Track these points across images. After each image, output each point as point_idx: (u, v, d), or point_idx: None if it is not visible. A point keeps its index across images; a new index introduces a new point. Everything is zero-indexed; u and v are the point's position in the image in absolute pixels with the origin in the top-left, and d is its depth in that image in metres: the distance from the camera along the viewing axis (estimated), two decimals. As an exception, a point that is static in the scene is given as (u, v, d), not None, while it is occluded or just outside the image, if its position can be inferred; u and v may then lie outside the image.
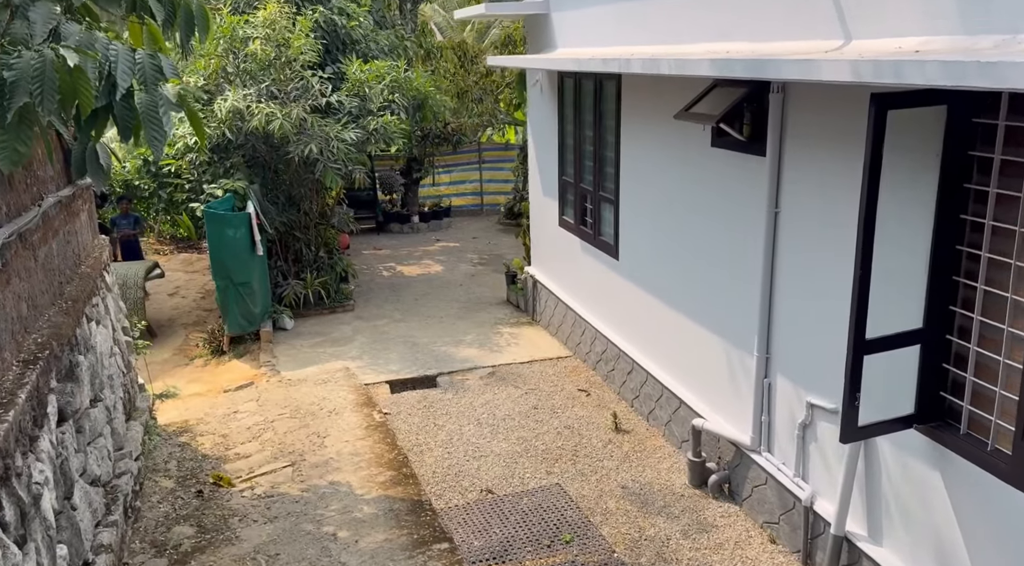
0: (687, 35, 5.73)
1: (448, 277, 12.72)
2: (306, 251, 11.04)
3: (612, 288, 7.75)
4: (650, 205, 6.76)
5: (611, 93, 7.34)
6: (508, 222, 16.51)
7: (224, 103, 9.15)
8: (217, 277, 9.52)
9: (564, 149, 8.75)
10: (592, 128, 7.85)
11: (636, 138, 6.89)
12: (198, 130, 3.59)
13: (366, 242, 15.36)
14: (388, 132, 9.89)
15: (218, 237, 9.26)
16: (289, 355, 9.27)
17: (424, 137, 15.39)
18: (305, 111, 9.22)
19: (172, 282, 13.22)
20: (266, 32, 9.19)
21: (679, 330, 6.40)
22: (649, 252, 6.88)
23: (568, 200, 8.84)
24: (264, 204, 10.08)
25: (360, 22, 10.64)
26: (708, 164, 5.71)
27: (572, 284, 8.89)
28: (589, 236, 8.23)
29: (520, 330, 9.91)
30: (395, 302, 11.40)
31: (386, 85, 10.02)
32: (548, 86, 8.93)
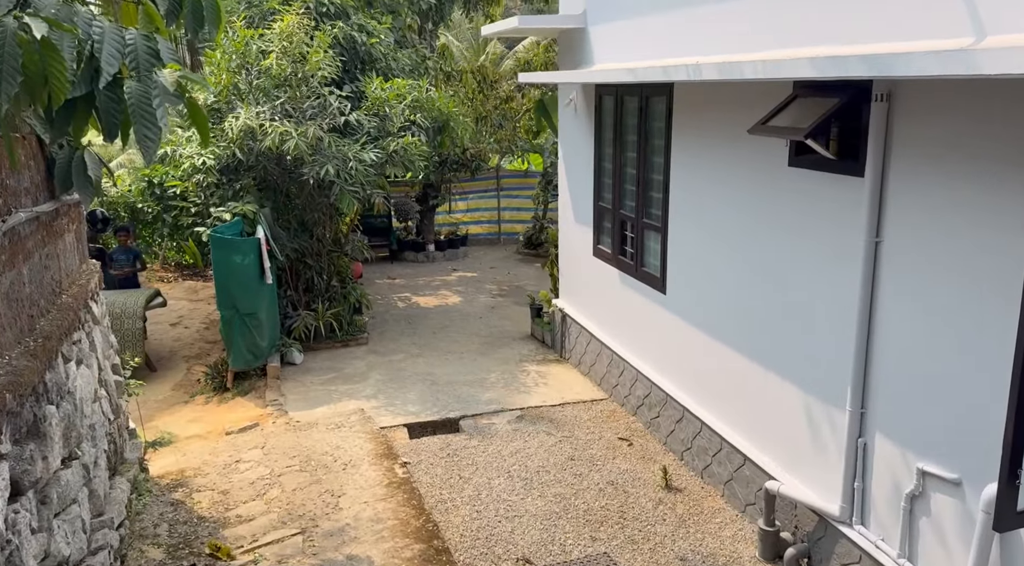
0: (749, 43, 5.05)
1: (467, 309, 11.98)
2: (318, 280, 10.34)
3: (657, 325, 6.99)
4: (707, 233, 6.03)
5: (659, 110, 6.67)
6: (527, 251, 15.83)
7: (236, 121, 8.52)
8: (222, 307, 8.80)
9: (601, 172, 8.06)
10: (635, 149, 7.16)
11: (690, 159, 6.19)
12: (202, 130, 2.91)
13: (380, 271, 14.67)
14: (408, 154, 9.24)
15: (225, 264, 8.57)
16: (298, 393, 8.51)
17: (442, 162, 14.79)
18: (322, 130, 8.59)
19: (175, 311, 12.53)
20: (282, 46, 8.60)
21: (743, 376, 5.62)
22: (705, 286, 6.13)
23: (605, 228, 8.13)
24: (275, 229, 9.41)
25: (381, 39, 10.07)
26: (784, 186, 4.99)
27: (608, 319, 8.14)
28: (629, 267, 7.50)
29: (548, 368, 9.13)
30: (411, 335, 10.66)
31: (407, 105, 9.40)
32: (584, 105, 8.28)
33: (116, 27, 2.70)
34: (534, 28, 7.95)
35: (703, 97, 5.87)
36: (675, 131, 6.38)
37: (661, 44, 6.30)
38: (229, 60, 9.08)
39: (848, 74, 3.41)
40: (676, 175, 6.46)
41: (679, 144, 6.35)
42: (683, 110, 6.22)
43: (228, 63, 9.11)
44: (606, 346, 8.10)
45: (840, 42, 4.25)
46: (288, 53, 8.65)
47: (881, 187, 4.18)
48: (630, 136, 7.32)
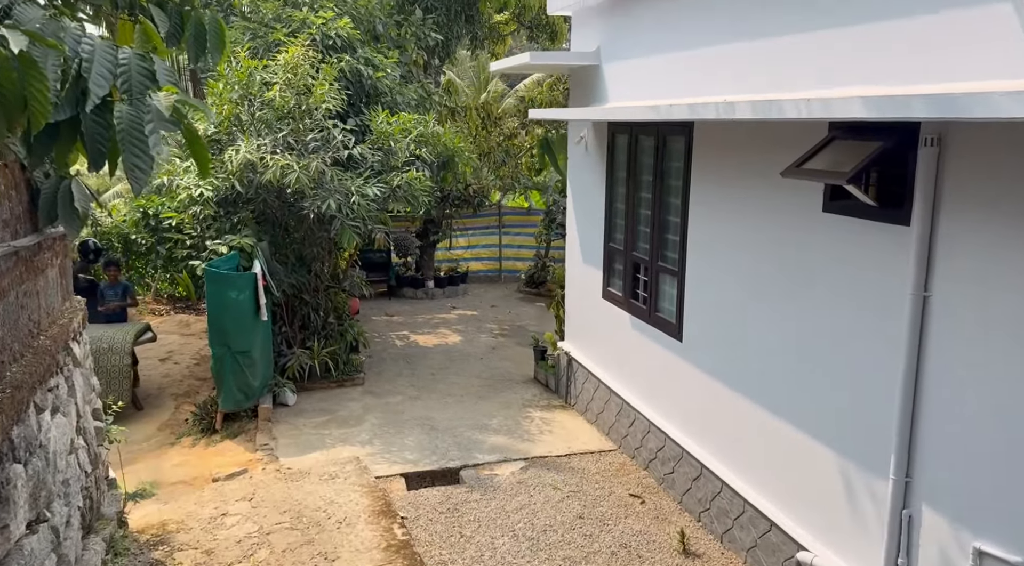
0: (774, 83, 4.82)
1: (467, 349, 11.61)
2: (314, 316, 9.98)
3: (672, 374, 6.65)
4: (730, 280, 5.73)
5: (678, 149, 6.42)
6: (529, 290, 15.52)
7: (236, 154, 8.25)
8: (214, 344, 8.42)
9: (612, 213, 7.79)
10: (651, 189, 6.90)
11: (711, 201, 5.92)
12: (200, 159, 2.60)
13: (377, 307, 14.31)
14: (413, 189, 8.97)
15: (219, 299, 8.21)
16: (290, 437, 8.08)
17: (444, 198, 14.55)
18: (324, 163, 8.32)
19: (165, 346, 12.11)
20: (287, 77, 8.38)
21: (771, 433, 5.27)
22: (726, 335, 5.81)
23: (615, 269, 7.83)
24: (272, 264, 9.08)
25: (387, 73, 9.89)
26: (818, 232, 4.71)
27: (618, 365, 7.79)
28: (642, 312, 7.18)
29: (553, 415, 8.73)
30: (410, 376, 10.26)
31: (412, 139, 9.16)
32: (595, 143, 8.05)
33: (108, 45, 2.40)
34: (546, 65, 7.76)
35: (726, 137, 5.62)
36: (695, 172, 6.12)
37: (679, 83, 6.09)
38: (231, 90, 8.86)
39: (910, 115, 3.14)
40: (695, 217, 6.18)
41: (699, 185, 6.09)
42: (704, 150, 5.97)
43: (230, 94, 8.88)
44: (615, 394, 7.73)
45: (874, 82, 4.01)
46: (292, 85, 8.43)
47: (930, 236, 3.89)
48: (645, 176, 7.07)
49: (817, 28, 4.45)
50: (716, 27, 5.56)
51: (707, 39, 5.68)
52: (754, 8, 5.09)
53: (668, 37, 6.30)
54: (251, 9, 10.13)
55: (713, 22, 5.60)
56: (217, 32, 3.49)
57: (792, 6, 4.69)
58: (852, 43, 4.23)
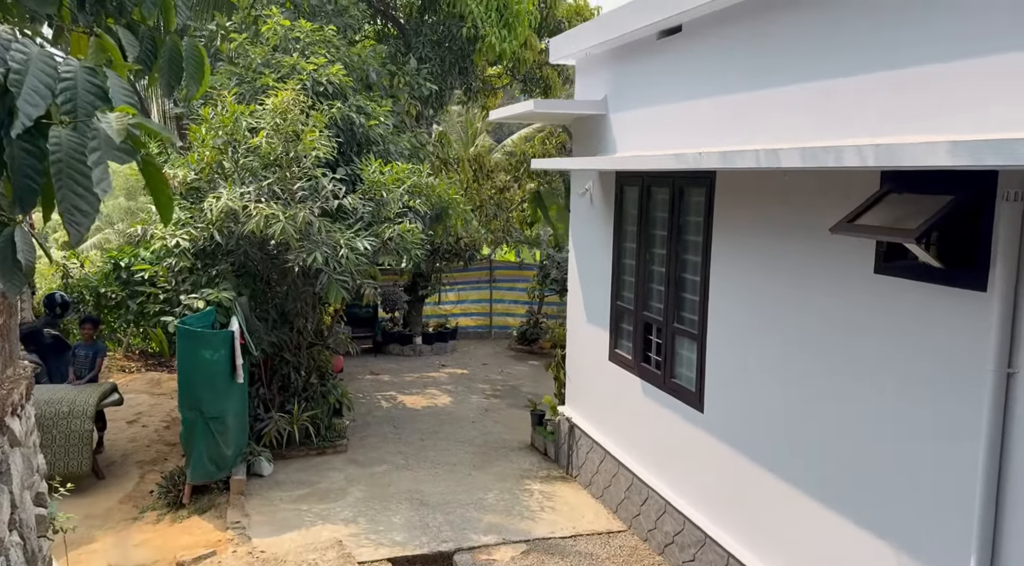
0: (799, 132, 4.39)
1: (458, 411, 10.91)
2: (295, 377, 9.29)
3: (691, 447, 6.04)
4: (759, 347, 5.19)
5: (697, 202, 5.96)
6: (521, 348, 14.92)
7: (217, 202, 7.70)
8: (184, 408, 7.71)
9: (621, 269, 7.29)
10: (665, 245, 6.42)
11: (736, 259, 5.43)
12: (160, 199, 2.04)
13: (362, 365, 13.61)
14: (405, 242, 8.44)
15: (191, 359, 7.54)
16: (265, 514, 7.31)
17: (434, 251, 14.04)
18: (312, 214, 7.78)
19: (133, 407, 11.31)
20: (275, 122, 7.90)
21: (819, 522, 4.65)
22: (757, 408, 5.24)
23: (624, 330, 7.29)
24: (251, 321, 8.44)
25: (380, 121, 9.47)
26: (869, 296, 4.20)
27: (627, 435, 7.16)
28: (656, 378, 6.60)
29: (554, 488, 8.04)
30: (397, 442, 9.54)
31: (406, 189, 8.68)
32: (601, 196, 7.60)
33: (46, 54, 1.86)
34: (550, 113, 7.38)
35: (756, 189, 5.17)
36: (717, 226, 5.65)
37: (697, 131, 5.66)
38: (215, 136, 8.36)
39: (982, 164, 2.67)
40: (717, 276, 5.68)
41: (722, 241, 5.60)
42: (728, 203, 5.51)
43: (214, 139, 8.39)
44: (624, 467, 7.08)
45: (931, 130, 3.57)
46: (281, 130, 7.95)
47: (1015, 303, 3.38)
48: (658, 230, 6.60)
49: (876, 69, 4.03)
50: (736, 73, 5.17)
51: (728, 85, 5.28)
52: (793, 49, 4.70)
53: (682, 84, 5.92)
54: (238, 54, 9.73)
55: (733, 68, 5.21)
56: (196, 60, 2.98)
57: (850, 45, 4.29)
58: (894, 91, 3.81)
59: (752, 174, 5.13)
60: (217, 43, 10.80)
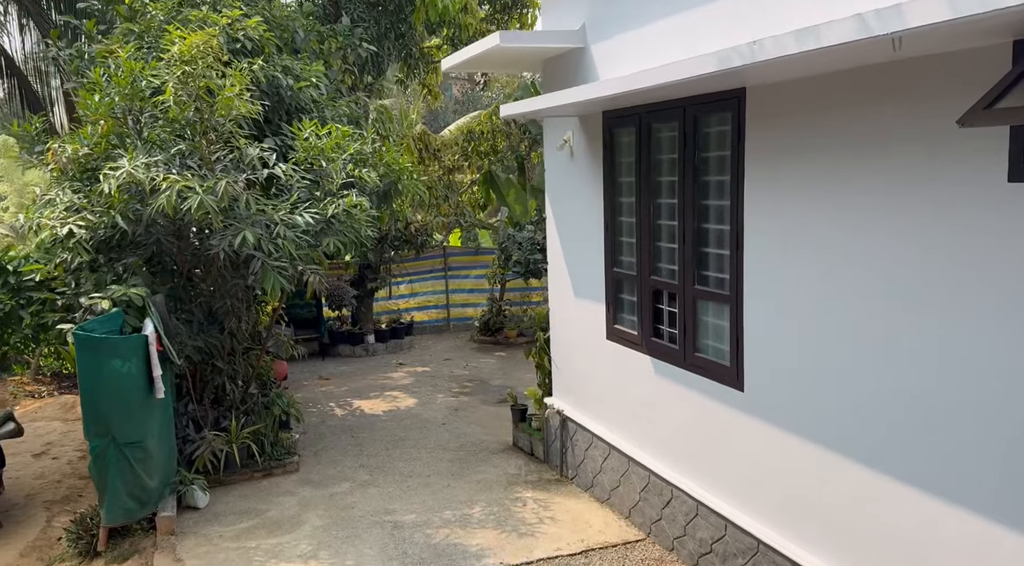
0: None
1: (425, 413, 9.62)
2: (230, 387, 7.84)
3: (727, 434, 4.93)
4: (825, 301, 4.09)
5: (718, 133, 4.84)
6: (484, 338, 13.68)
7: (115, 174, 6.21)
8: (91, 435, 6.23)
9: (616, 230, 6.13)
10: (676, 193, 5.28)
11: (785, 194, 4.32)
12: None
13: (310, 370, 12.16)
14: (353, 219, 7.10)
15: (95, 373, 6.06)
16: (202, 557, 5.91)
17: (381, 239, 12.68)
18: (237, 186, 6.36)
19: (42, 436, 9.66)
20: (182, 71, 6.44)
21: (911, 521, 3.57)
22: (824, 381, 4.14)
23: (625, 302, 6.14)
24: (171, 323, 6.97)
25: (313, 82, 8.07)
26: (999, 217, 3.12)
27: (637, 425, 6.02)
28: (672, 354, 5.47)
29: (549, 494, 6.85)
30: (358, 454, 8.20)
31: (349, 156, 7.32)
32: (585, 145, 6.43)
33: None
34: (519, 48, 6.15)
35: (813, 97, 4.06)
36: (751, 158, 4.53)
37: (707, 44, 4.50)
38: (112, 105, 6.85)
39: None
40: (755, 220, 4.56)
41: (760, 176, 4.49)
42: (767, 125, 4.39)
43: (112, 108, 6.88)
44: (636, 463, 5.95)
45: None
46: (190, 84, 6.50)
47: None
48: (664, 176, 5.46)
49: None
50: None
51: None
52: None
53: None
54: (137, 11, 8.20)
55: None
56: None
57: None
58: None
59: (806, 82, 4.02)
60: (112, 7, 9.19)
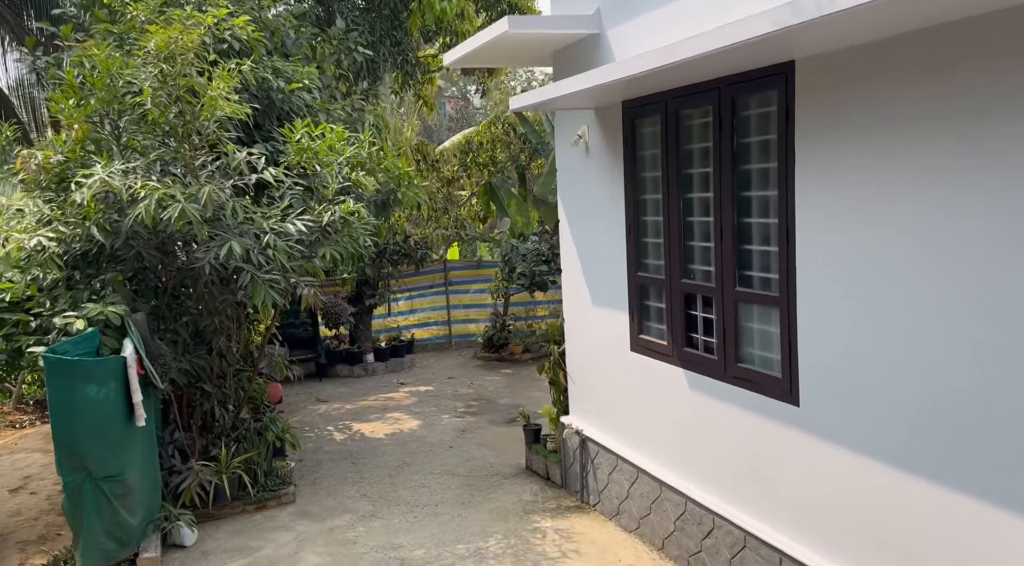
0: None
1: (430, 436, 9.01)
2: (220, 413, 7.24)
3: (780, 455, 4.36)
4: (890, 302, 3.55)
5: (760, 115, 4.31)
6: (488, 356, 13.08)
7: (88, 182, 5.66)
8: (64, 468, 5.62)
9: (640, 230, 5.59)
10: (711, 186, 4.74)
11: (844, 176, 3.78)
12: None
13: (306, 392, 11.54)
14: (350, 228, 6.56)
15: (66, 400, 5.48)
16: (187, 605, 5.30)
17: (380, 253, 12.13)
18: (221, 192, 5.81)
19: (21, 470, 9.03)
20: (160, 69, 5.91)
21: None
22: (894, 392, 3.58)
23: (652, 310, 5.58)
24: (154, 343, 6.38)
25: (305, 84, 7.54)
26: None
27: (669, 446, 5.44)
28: (710, 365, 4.90)
29: (571, 523, 6.24)
30: (358, 482, 7.58)
31: (346, 160, 6.79)
32: (602, 140, 5.90)
33: None
34: (529, 35, 5.64)
35: (886, 62, 3.54)
36: (802, 139, 4.00)
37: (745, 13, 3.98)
38: (90, 109, 6.30)
39: None
40: (809, 209, 4.02)
41: (812, 158, 3.96)
42: (821, 102, 3.86)
43: (88, 113, 6.34)
44: (669, 487, 5.36)
45: None
46: (170, 82, 5.97)
47: None
48: (696, 168, 4.93)
49: None
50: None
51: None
52: None
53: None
54: (118, 10, 7.68)
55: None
56: None
57: None
58: None
59: (876, 48, 3.50)
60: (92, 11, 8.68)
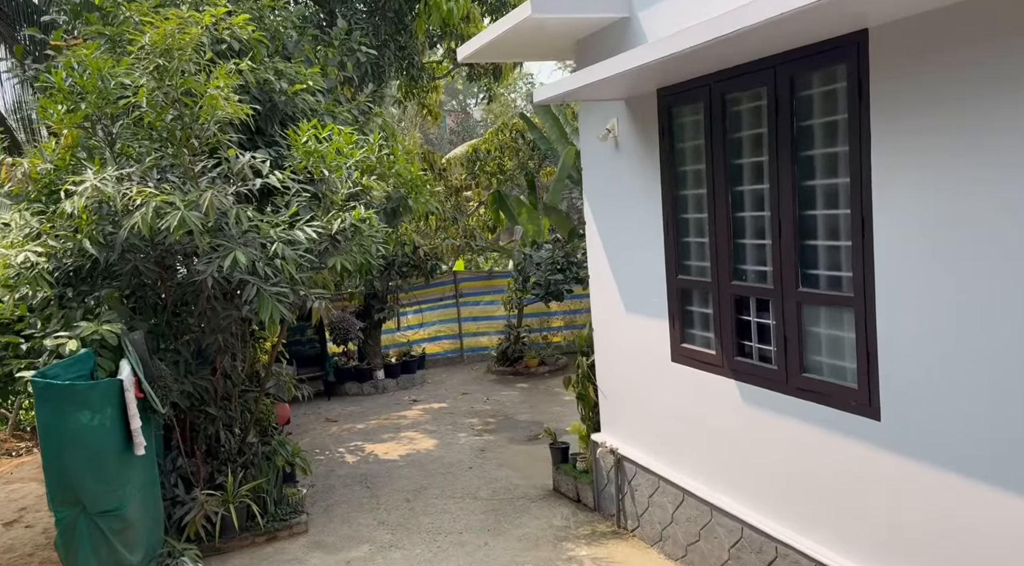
0: None
1: (448, 456, 8.50)
2: (226, 437, 6.75)
3: (855, 475, 3.86)
4: (988, 299, 3.07)
5: (825, 95, 3.85)
6: (503, 369, 12.58)
7: (80, 189, 5.20)
8: (56, 503, 5.13)
9: (680, 229, 5.12)
10: (768, 174, 4.28)
11: (931, 159, 3.31)
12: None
13: (314, 412, 11.04)
14: (361, 235, 6.10)
15: (57, 428, 5.00)
16: (192, 653, 4.78)
17: (388, 265, 11.67)
18: (223, 199, 5.35)
19: (16, 501, 8.53)
20: (156, 65, 5.47)
21: None
22: (1000, 402, 3.09)
23: (695, 315, 5.10)
24: (153, 364, 5.90)
25: (309, 86, 7.10)
26: None
27: (721, 466, 4.94)
28: (768, 376, 4.41)
29: (609, 551, 5.73)
30: (375, 509, 7.07)
31: (355, 164, 6.34)
32: (634, 133, 5.44)
33: None
34: (556, 18, 5.19)
35: (966, 28, 3.08)
36: (878, 118, 3.53)
37: None
38: (82, 115, 5.87)
39: None
40: (888, 196, 3.55)
41: (891, 139, 3.49)
42: (902, 74, 3.40)
43: (79, 120, 5.90)
44: (721, 511, 4.85)
45: None
46: (166, 78, 5.53)
47: None
48: (747, 157, 4.46)
49: None
50: None
51: None
52: None
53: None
54: (110, 11, 7.27)
55: None
56: None
57: None
58: None
59: (964, 8, 3.04)
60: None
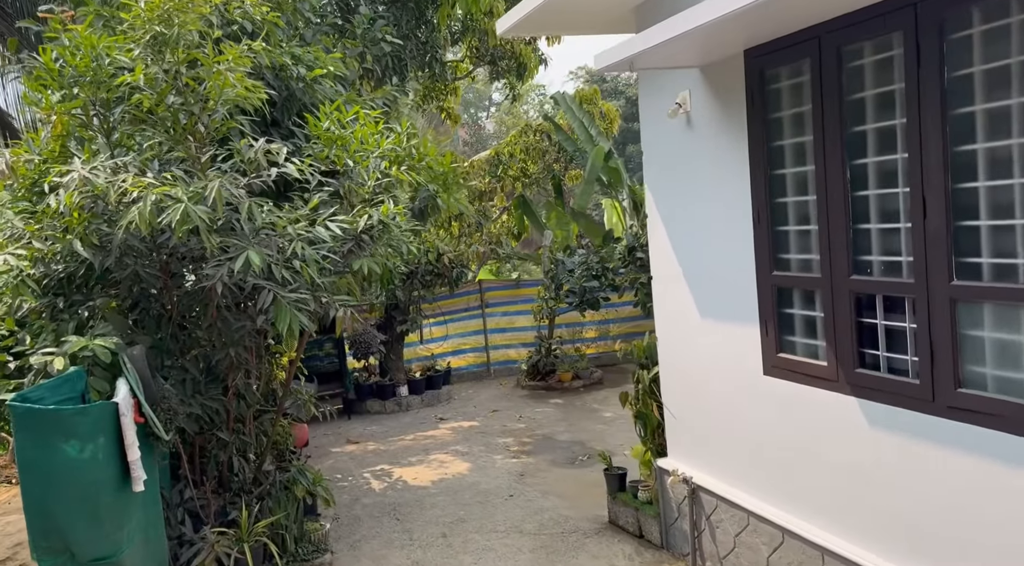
0: None
1: (484, 482, 7.65)
2: (239, 465, 5.95)
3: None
4: None
5: (987, 33, 3.04)
6: (534, 384, 11.74)
7: (66, 181, 4.45)
8: (40, 551, 4.31)
9: (776, 216, 4.29)
10: (905, 141, 3.46)
11: None
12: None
13: (334, 432, 10.24)
14: (390, 235, 5.32)
15: (40, 462, 4.20)
16: None
17: (411, 274, 10.89)
18: (232, 189, 4.57)
19: (12, 535, 7.77)
20: (154, 33, 4.72)
21: None
22: None
23: (797, 319, 4.26)
24: (156, 384, 5.11)
25: (330, 70, 6.35)
26: None
27: (837, 501, 4.08)
28: (906, 392, 3.57)
29: (689, 597, 4.87)
30: (407, 545, 6.24)
31: (383, 153, 5.57)
32: (714, 104, 4.63)
33: None
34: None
35: None
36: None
37: None
38: (76, 101, 5.12)
39: None
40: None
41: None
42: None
43: (72, 108, 5.16)
44: (836, 555, 3.99)
45: None
46: (166, 52, 4.78)
47: None
48: (871, 122, 3.64)
49: None
50: None
51: None
52: None
53: None
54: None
55: None
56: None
57: None
58: None
59: None
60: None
